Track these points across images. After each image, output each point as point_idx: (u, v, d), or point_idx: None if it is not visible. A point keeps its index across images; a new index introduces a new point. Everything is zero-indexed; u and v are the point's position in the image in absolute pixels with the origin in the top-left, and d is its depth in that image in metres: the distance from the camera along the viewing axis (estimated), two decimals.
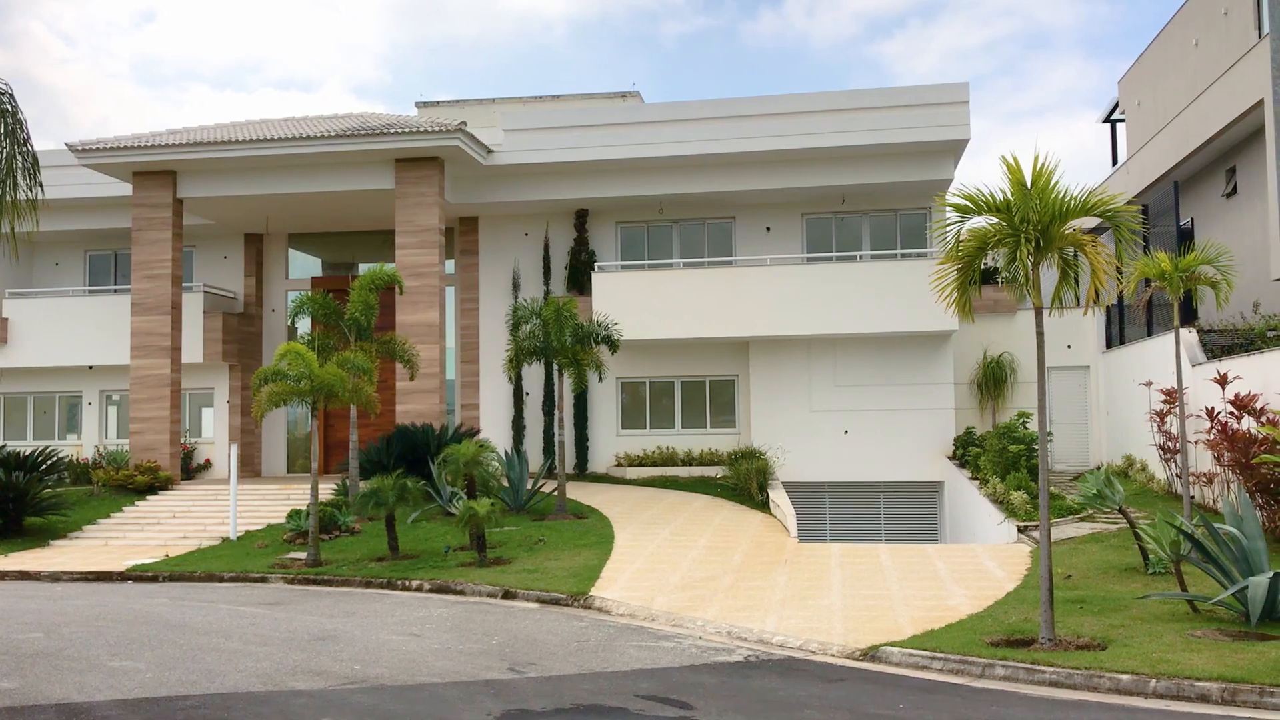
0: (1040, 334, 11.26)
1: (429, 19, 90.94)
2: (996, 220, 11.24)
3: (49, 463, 23.16)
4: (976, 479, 22.20)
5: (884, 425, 25.51)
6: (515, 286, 27.61)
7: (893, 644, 10.88)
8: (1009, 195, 11.10)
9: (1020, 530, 18.10)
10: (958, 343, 25.72)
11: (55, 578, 17.79)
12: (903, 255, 25.98)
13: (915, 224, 27.06)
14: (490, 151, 25.52)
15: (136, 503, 23.58)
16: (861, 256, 26.21)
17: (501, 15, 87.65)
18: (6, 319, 28.67)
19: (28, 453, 22.99)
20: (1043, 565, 10.81)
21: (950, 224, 11.61)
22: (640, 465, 26.11)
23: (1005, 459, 21.08)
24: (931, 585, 14.30)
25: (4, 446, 23.56)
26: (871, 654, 10.78)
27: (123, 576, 17.64)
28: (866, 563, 16.20)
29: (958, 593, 13.71)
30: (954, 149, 25.07)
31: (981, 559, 16.27)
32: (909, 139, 24.53)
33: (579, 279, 26.98)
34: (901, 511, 25.73)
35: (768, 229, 27.33)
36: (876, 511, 25.83)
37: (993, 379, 25.67)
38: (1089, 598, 12.65)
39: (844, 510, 25.87)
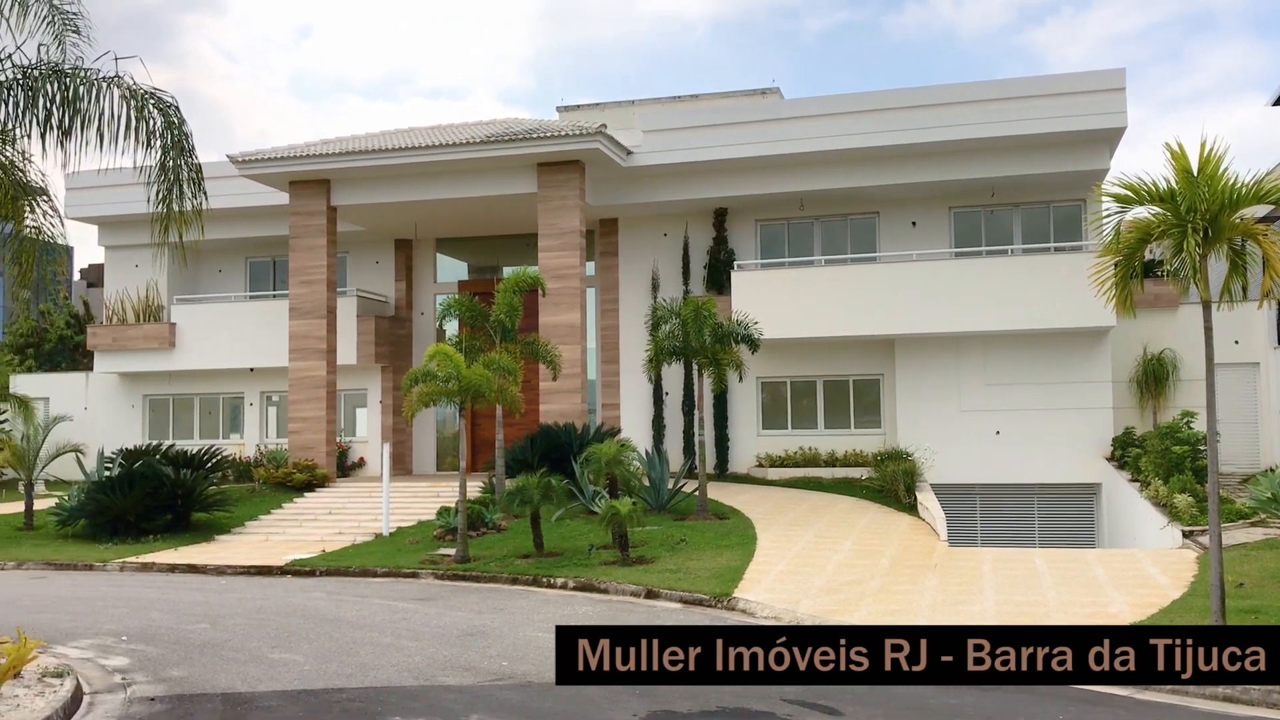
0: (1208, 329, 10.69)
1: (571, 24, 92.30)
2: (1160, 210, 10.73)
3: (214, 461, 24.18)
4: (1137, 481, 21.25)
5: (1038, 425, 24.62)
6: (654, 287, 27.67)
7: None
8: (1173, 183, 10.58)
9: (1185, 535, 17.24)
10: (1115, 339, 24.67)
11: (220, 571, 18.59)
12: (1056, 249, 25.04)
13: (1069, 216, 26.05)
14: (629, 153, 25.64)
15: (295, 499, 24.49)
16: (1012, 251, 25.38)
17: (642, 18, 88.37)
18: (175, 324, 30.21)
19: (194, 451, 24.07)
20: (1213, 572, 10.25)
21: (1109, 215, 11.15)
22: (782, 466, 25.84)
23: (1168, 460, 20.12)
24: (1090, 591, 13.72)
25: (173, 445, 24.74)
26: None
27: (282, 571, 18.32)
28: (1020, 568, 15.65)
29: (1118, 599, 13.12)
30: (1110, 138, 24.06)
31: (1144, 565, 15.54)
32: (1061, 128, 23.61)
33: (718, 278, 26.86)
34: (1057, 515, 24.79)
35: (913, 224, 26.72)
36: (1030, 515, 24.95)
37: (1153, 377, 24.57)
38: (1264, 607, 11.92)
39: (996, 514, 25.08)
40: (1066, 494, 24.69)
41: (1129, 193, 10.80)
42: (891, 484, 22.96)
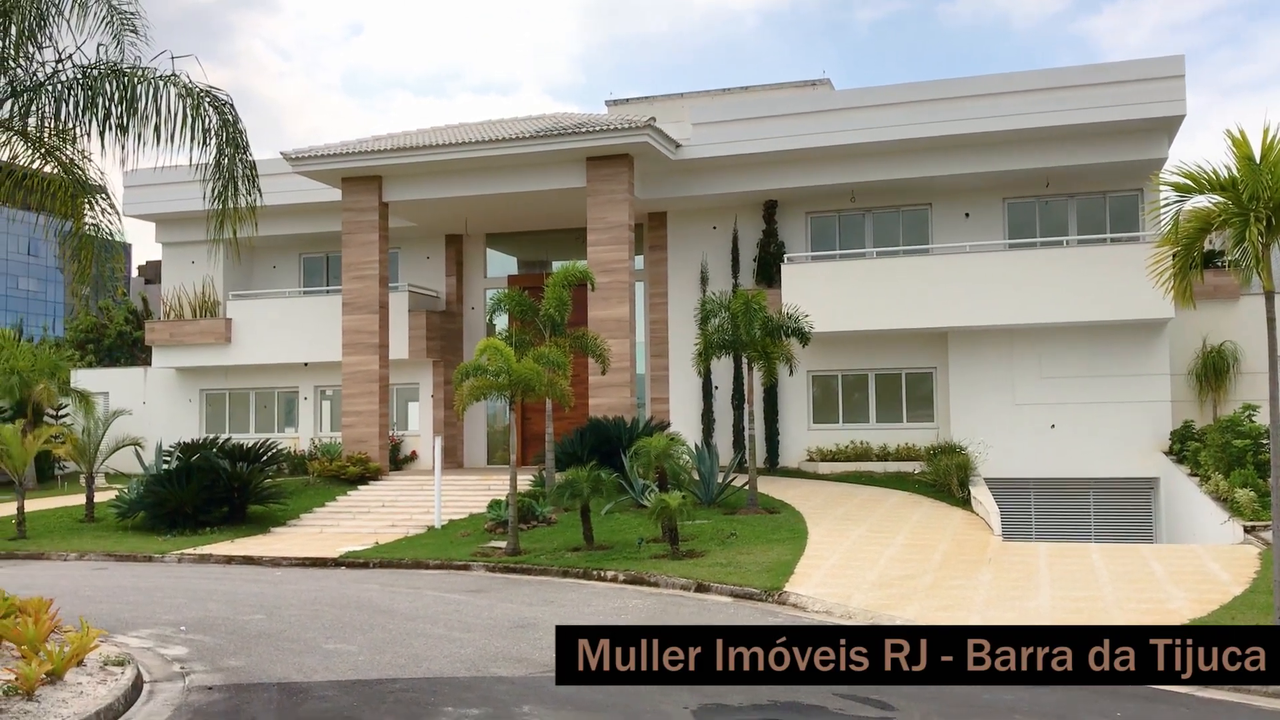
0: (1271, 320, 10.47)
1: (620, 18, 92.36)
2: (1220, 199, 10.54)
3: (269, 454, 24.48)
4: (1196, 475, 20.87)
5: (1094, 419, 24.25)
6: (703, 280, 27.59)
7: None
8: (1235, 171, 10.38)
9: (1247, 531, 16.92)
10: (1174, 331, 24.22)
11: (276, 563, 18.85)
12: (1113, 240, 24.64)
13: (1126, 206, 25.62)
14: (678, 146, 25.58)
15: (349, 492, 24.76)
16: (1068, 242, 24.98)
17: (692, 9, 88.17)
18: (230, 319, 30.65)
19: (250, 445, 24.41)
20: (1276, 568, 10.04)
21: (1168, 205, 10.96)
22: (833, 460, 25.69)
23: (1229, 454, 19.73)
24: (1148, 587, 13.50)
25: (229, 439, 25.10)
26: None
27: (336, 563, 18.54)
28: (1076, 563, 15.44)
29: (1177, 595, 12.90)
30: (1168, 126, 23.60)
31: (1203, 560, 15.27)
32: (1118, 117, 23.20)
33: (768, 271, 26.73)
34: (1113, 510, 24.41)
35: (966, 215, 26.41)
36: (1086, 510, 24.59)
37: (1213, 369, 24.10)
38: None
39: (1051, 508, 24.74)
40: (1123, 488, 24.31)
41: (1188, 181, 10.62)
42: (945, 478, 22.74)
